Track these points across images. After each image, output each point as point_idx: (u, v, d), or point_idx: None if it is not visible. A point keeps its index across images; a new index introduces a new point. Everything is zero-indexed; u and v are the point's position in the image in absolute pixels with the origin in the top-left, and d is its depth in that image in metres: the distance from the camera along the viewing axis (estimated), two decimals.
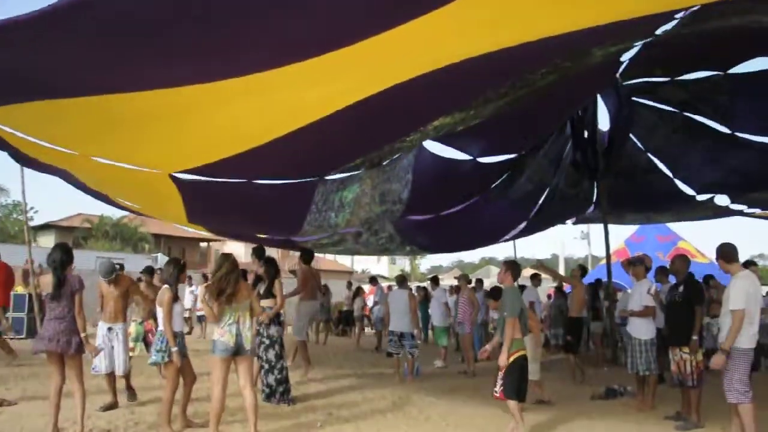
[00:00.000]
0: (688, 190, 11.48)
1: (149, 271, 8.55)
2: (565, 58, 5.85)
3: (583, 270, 10.75)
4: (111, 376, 6.72)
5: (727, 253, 5.85)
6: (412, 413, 7.06)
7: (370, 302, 18.79)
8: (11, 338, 13.09)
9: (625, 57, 7.82)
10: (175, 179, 7.68)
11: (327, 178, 8.58)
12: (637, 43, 7.03)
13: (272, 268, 7.58)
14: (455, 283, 13.88)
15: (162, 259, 25.83)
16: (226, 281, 5.34)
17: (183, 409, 6.03)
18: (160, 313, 5.87)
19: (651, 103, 10.34)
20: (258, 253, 8.39)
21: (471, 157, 9.70)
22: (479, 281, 13.89)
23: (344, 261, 52.42)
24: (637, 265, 7.72)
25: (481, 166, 9.92)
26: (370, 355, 13.49)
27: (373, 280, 18.61)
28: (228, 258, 5.53)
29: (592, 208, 13.13)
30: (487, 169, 10.14)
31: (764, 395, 6.45)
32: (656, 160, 11.32)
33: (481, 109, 6.83)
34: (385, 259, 44.80)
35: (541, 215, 12.24)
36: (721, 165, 10.19)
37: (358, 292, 17.48)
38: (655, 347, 7.21)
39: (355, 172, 8.61)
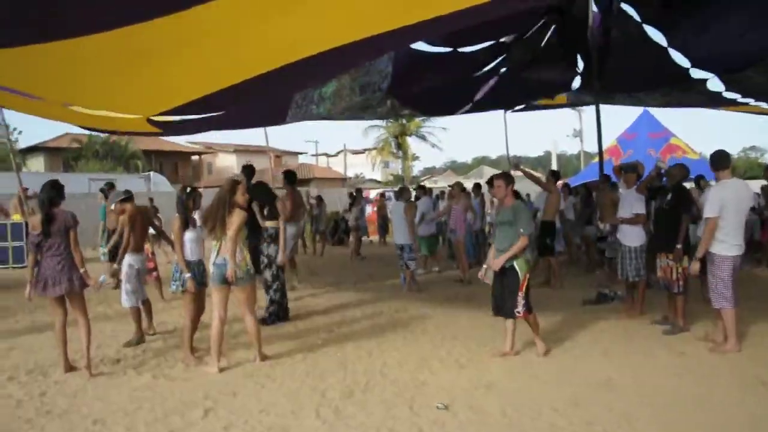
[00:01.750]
0: (683, 62, 10.86)
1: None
2: None
3: (556, 175, 10.86)
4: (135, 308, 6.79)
5: (715, 160, 5.92)
6: (410, 326, 7.35)
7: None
8: (14, 267, 13.40)
9: None
10: (153, 122, 7.61)
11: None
12: None
13: (269, 191, 7.69)
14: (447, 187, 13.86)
15: (155, 177, 25.79)
16: (212, 214, 5.53)
17: (188, 339, 6.20)
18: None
19: None
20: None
21: (451, 49, 9.35)
22: (477, 186, 13.73)
23: (338, 167, 52.46)
24: (628, 171, 7.74)
25: (463, 56, 9.57)
26: (367, 265, 13.80)
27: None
28: (218, 192, 5.62)
29: (579, 82, 12.54)
30: (470, 57, 9.78)
31: (746, 295, 6.74)
32: (650, 29, 10.72)
33: None
34: (378, 164, 44.72)
35: (528, 82, 11.75)
36: (719, 33, 9.55)
37: (355, 200, 17.10)
38: (644, 253, 7.37)
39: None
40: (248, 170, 8.86)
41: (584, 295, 8.57)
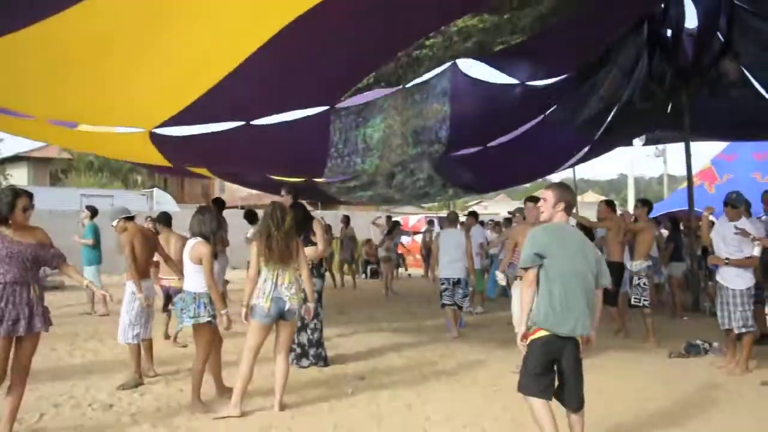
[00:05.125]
0: None
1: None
2: None
3: (647, 204, 9.84)
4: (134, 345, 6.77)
5: None
6: (457, 375, 7.21)
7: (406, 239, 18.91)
8: None
9: None
10: (156, 138, 7.70)
11: (338, 106, 8.42)
12: None
13: (308, 213, 7.69)
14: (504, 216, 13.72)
15: (158, 194, 26.17)
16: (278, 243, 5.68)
17: (217, 377, 6.24)
18: (190, 268, 5.90)
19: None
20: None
21: (518, 81, 9.38)
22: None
23: None
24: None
25: (532, 90, 9.60)
26: (403, 302, 13.72)
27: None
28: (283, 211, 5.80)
29: (665, 122, 12.75)
30: (541, 92, 9.83)
31: None
32: (749, 74, 10.81)
33: (519, 16, 6.55)
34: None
35: (607, 136, 11.95)
36: None
37: (392, 231, 17.16)
38: (753, 299, 7.09)
39: (374, 98, 8.42)
40: (294, 192, 8.79)
41: (671, 346, 8.33)
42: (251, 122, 8.19)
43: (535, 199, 7.45)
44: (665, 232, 12.41)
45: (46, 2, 4.63)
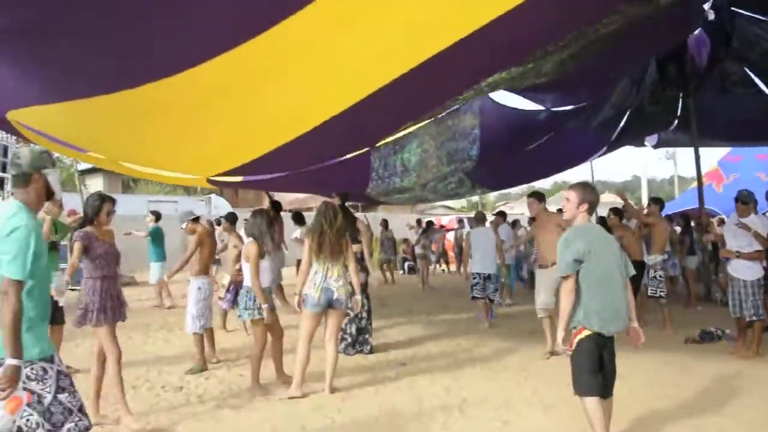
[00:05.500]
0: None
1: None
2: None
3: (659, 202, 9.84)
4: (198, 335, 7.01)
5: None
6: (490, 362, 7.31)
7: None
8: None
9: None
10: (213, 182, 7.96)
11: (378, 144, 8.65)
12: None
13: (351, 214, 7.92)
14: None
15: (215, 200, 26.60)
16: (329, 240, 5.89)
17: (278, 366, 6.40)
18: (246, 267, 6.10)
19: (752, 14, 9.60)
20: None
21: (544, 108, 9.50)
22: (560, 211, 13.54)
23: None
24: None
25: (557, 114, 9.69)
26: (439, 296, 13.81)
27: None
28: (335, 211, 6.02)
29: (674, 125, 12.62)
30: (565, 115, 9.89)
31: None
32: (754, 75, 10.66)
33: (541, 63, 6.62)
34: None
35: (621, 137, 11.92)
36: None
37: (426, 231, 17.38)
38: (762, 288, 7.08)
39: (410, 130, 8.59)
40: (344, 196, 8.97)
41: (686, 333, 8.32)
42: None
43: (536, 195, 7.75)
44: (678, 229, 12.32)
45: (153, 70, 4.78)
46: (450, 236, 20.51)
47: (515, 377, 6.61)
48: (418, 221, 19.33)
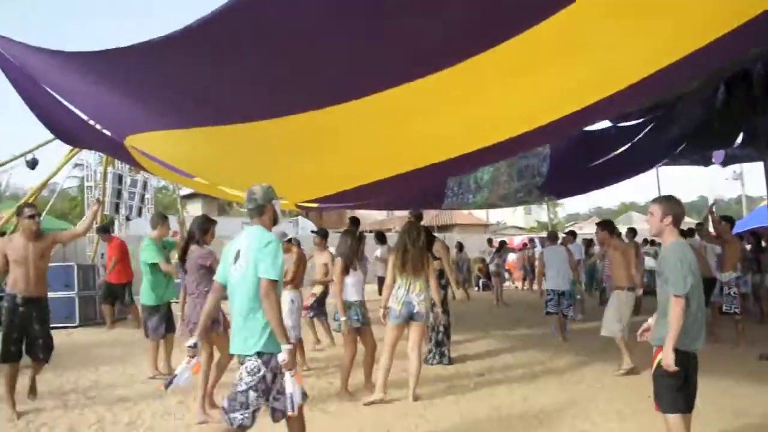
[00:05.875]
0: None
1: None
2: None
3: (729, 221, 9.36)
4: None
5: None
6: (565, 374, 7.08)
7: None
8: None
9: None
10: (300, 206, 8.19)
11: None
12: None
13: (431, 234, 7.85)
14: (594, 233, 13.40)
15: (302, 221, 27.05)
16: (412, 257, 5.87)
17: (368, 374, 6.38)
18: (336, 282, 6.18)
19: None
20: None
21: (610, 124, 9.24)
22: (631, 231, 12.98)
23: (479, 213, 52.16)
24: None
25: (623, 129, 9.40)
26: (513, 311, 13.54)
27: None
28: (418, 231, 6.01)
29: (739, 140, 11.88)
30: (631, 130, 9.58)
31: None
32: None
33: None
34: (520, 209, 44.03)
35: (685, 149, 11.38)
36: None
37: (500, 250, 17.27)
38: None
39: None
40: (418, 217, 8.98)
41: (760, 350, 7.78)
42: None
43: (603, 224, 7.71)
44: (748, 247, 11.67)
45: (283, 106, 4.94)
46: (512, 256, 20.30)
47: (590, 388, 6.38)
48: (489, 240, 19.16)
